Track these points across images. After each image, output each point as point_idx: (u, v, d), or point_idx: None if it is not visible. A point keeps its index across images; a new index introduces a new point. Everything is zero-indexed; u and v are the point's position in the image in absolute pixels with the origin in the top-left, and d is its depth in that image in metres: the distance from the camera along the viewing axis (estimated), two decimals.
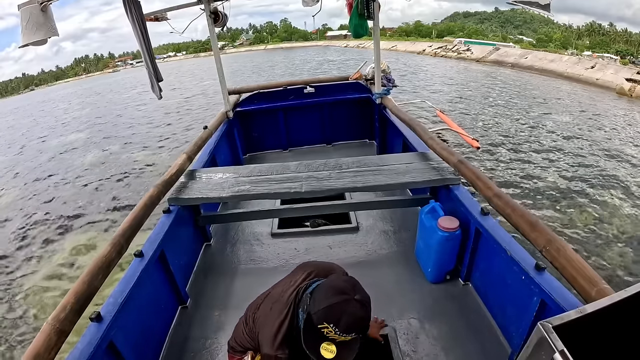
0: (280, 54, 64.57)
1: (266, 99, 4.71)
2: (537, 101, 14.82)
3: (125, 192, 7.97)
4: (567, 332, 0.61)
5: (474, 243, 2.14)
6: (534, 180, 7.07)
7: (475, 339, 1.91)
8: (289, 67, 35.59)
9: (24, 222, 7.15)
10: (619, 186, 6.82)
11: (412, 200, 2.95)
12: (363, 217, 3.07)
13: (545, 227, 1.61)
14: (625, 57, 36.26)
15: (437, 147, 2.60)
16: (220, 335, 2.05)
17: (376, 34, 3.83)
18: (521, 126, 10.89)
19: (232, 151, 4.36)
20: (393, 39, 66.23)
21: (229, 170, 2.88)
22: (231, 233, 3.05)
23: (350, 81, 4.84)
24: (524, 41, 55.65)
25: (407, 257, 2.56)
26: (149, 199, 2.22)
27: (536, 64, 26.28)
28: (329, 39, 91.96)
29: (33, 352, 1.20)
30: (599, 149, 8.87)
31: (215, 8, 3.72)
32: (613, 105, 14.96)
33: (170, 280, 2.20)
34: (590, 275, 1.30)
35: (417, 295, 2.24)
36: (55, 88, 74.00)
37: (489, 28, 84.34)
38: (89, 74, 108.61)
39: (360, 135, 4.94)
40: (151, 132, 13.59)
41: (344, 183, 2.49)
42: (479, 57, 33.76)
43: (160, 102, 7.56)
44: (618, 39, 52.67)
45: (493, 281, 2.02)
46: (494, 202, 1.90)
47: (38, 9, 2.29)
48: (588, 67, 21.90)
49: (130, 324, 1.70)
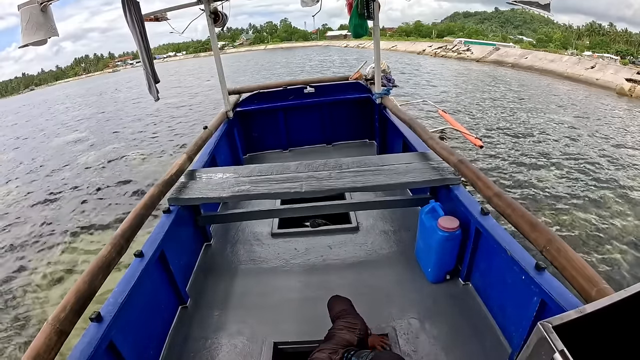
0: (281, 53, 64.54)
1: (266, 99, 4.71)
2: (537, 99, 14.84)
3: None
4: (567, 332, 0.61)
5: (474, 243, 2.14)
6: (536, 179, 7.08)
7: (476, 338, 1.91)
8: (289, 65, 35.62)
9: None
10: (619, 185, 6.82)
11: (412, 200, 2.95)
12: (363, 217, 3.07)
13: (546, 227, 1.61)
14: (625, 57, 36.24)
15: (437, 147, 2.60)
16: (220, 335, 2.05)
17: (376, 34, 3.83)
18: (517, 124, 10.92)
19: (232, 151, 4.36)
20: (393, 39, 66.21)
21: (229, 170, 2.89)
22: (231, 233, 3.05)
23: (350, 81, 4.84)
24: (524, 41, 55.63)
25: (407, 257, 2.56)
26: (149, 199, 2.22)
27: (536, 64, 26.27)
28: (329, 39, 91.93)
29: (33, 352, 1.20)
30: (600, 148, 8.88)
31: (215, 8, 3.72)
32: (614, 105, 14.95)
33: (171, 280, 2.20)
34: (590, 275, 1.30)
35: (417, 295, 2.24)
36: (56, 87, 73.77)
37: (489, 28, 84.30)
38: (89, 74, 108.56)
39: (360, 135, 4.95)
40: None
41: (344, 183, 2.49)
42: (479, 57, 33.76)
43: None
44: (618, 39, 52.68)
45: (493, 281, 2.02)
46: (494, 202, 1.90)
47: (38, 9, 2.30)
48: (588, 67, 21.88)
49: (131, 324, 1.71)
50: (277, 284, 2.44)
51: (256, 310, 2.22)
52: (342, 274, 2.47)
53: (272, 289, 2.40)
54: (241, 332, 2.06)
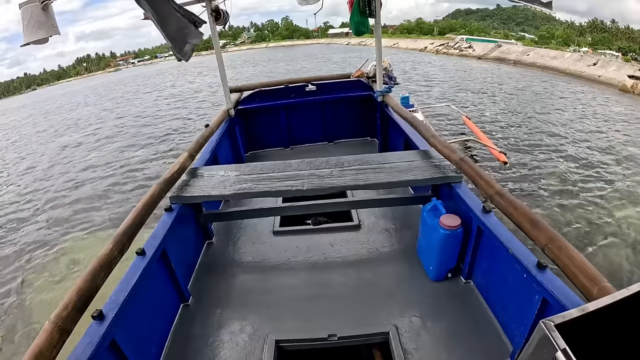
0: (282, 51, 64.45)
1: (268, 97, 4.70)
2: (538, 97, 14.77)
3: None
4: (569, 331, 0.60)
5: (475, 241, 2.14)
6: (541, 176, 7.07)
7: (477, 337, 1.91)
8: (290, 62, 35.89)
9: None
10: (619, 182, 6.80)
11: (413, 198, 2.95)
12: (365, 215, 3.06)
13: (547, 225, 1.61)
14: (626, 53, 35.97)
15: (438, 145, 2.59)
16: (222, 333, 2.06)
17: (378, 32, 3.82)
18: (518, 122, 10.91)
19: (234, 149, 4.36)
20: (395, 37, 65.91)
21: (230, 168, 2.89)
22: (233, 231, 3.06)
23: (352, 79, 4.83)
24: (526, 38, 55.30)
25: (409, 255, 2.56)
26: (151, 197, 2.23)
27: (538, 61, 26.09)
28: (331, 37, 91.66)
29: (35, 350, 1.20)
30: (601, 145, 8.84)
31: (217, 6, 3.71)
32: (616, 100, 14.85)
33: (172, 278, 2.21)
34: (592, 273, 1.30)
35: (419, 293, 2.24)
36: (63, 86, 73.78)
37: (491, 25, 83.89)
38: (91, 73, 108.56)
39: (362, 133, 4.94)
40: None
41: (346, 181, 2.49)
42: (481, 54, 33.55)
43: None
44: (620, 35, 52.30)
45: (495, 279, 2.02)
46: (495, 200, 1.90)
47: (39, 8, 2.30)
48: (590, 64, 21.75)
49: (132, 322, 1.71)
50: (279, 281, 2.45)
51: (258, 307, 2.22)
52: (343, 271, 2.47)
53: (273, 286, 2.40)
54: (243, 329, 2.07)
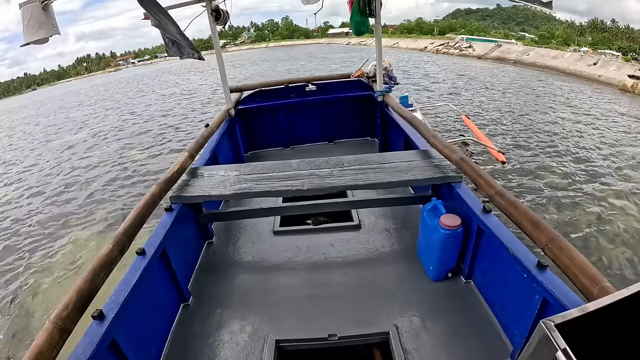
0: (282, 51, 64.47)
1: (268, 97, 4.70)
2: (537, 96, 14.77)
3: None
4: (570, 331, 0.60)
5: (475, 241, 2.14)
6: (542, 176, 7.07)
7: (477, 337, 1.91)
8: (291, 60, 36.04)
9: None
10: (620, 180, 6.79)
11: (414, 198, 2.95)
12: (365, 215, 3.06)
13: (548, 225, 1.60)
14: (627, 53, 35.94)
15: (438, 145, 2.59)
16: (222, 333, 2.06)
17: (378, 32, 3.82)
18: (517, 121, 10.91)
19: (234, 149, 4.36)
20: (395, 37, 65.87)
21: (230, 168, 2.89)
22: (233, 231, 3.06)
23: (352, 79, 4.83)
24: (526, 38, 55.26)
25: (409, 255, 2.56)
26: (151, 197, 2.22)
27: (538, 61, 26.09)
28: (331, 37, 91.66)
29: (35, 350, 1.20)
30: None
31: (217, 6, 3.71)
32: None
33: (172, 278, 2.21)
34: (592, 273, 1.30)
35: (419, 293, 2.24)
36: (67, 85, 73.97)
37: (491, 25, 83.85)
38: (91, 73, 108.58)
39: (362, 133, 4.94)
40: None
41: (346, 181, 2.49)
42: (481, 54, 33.54)
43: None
44: (620, 35, 52.27)
45: (495, 279, 2.02)
46: (496, 200, 1.90)
47: (39, 8, 2.30)
48: (590, 64, 21.74)
49: (133, 322, 1.71)
50: (279, 281, 2.45)
51: (258, 307, 2.22)
52: (343, 271, 2.47)
53: (274, 286, 2.40)
54: (243, 329, 2.07)
